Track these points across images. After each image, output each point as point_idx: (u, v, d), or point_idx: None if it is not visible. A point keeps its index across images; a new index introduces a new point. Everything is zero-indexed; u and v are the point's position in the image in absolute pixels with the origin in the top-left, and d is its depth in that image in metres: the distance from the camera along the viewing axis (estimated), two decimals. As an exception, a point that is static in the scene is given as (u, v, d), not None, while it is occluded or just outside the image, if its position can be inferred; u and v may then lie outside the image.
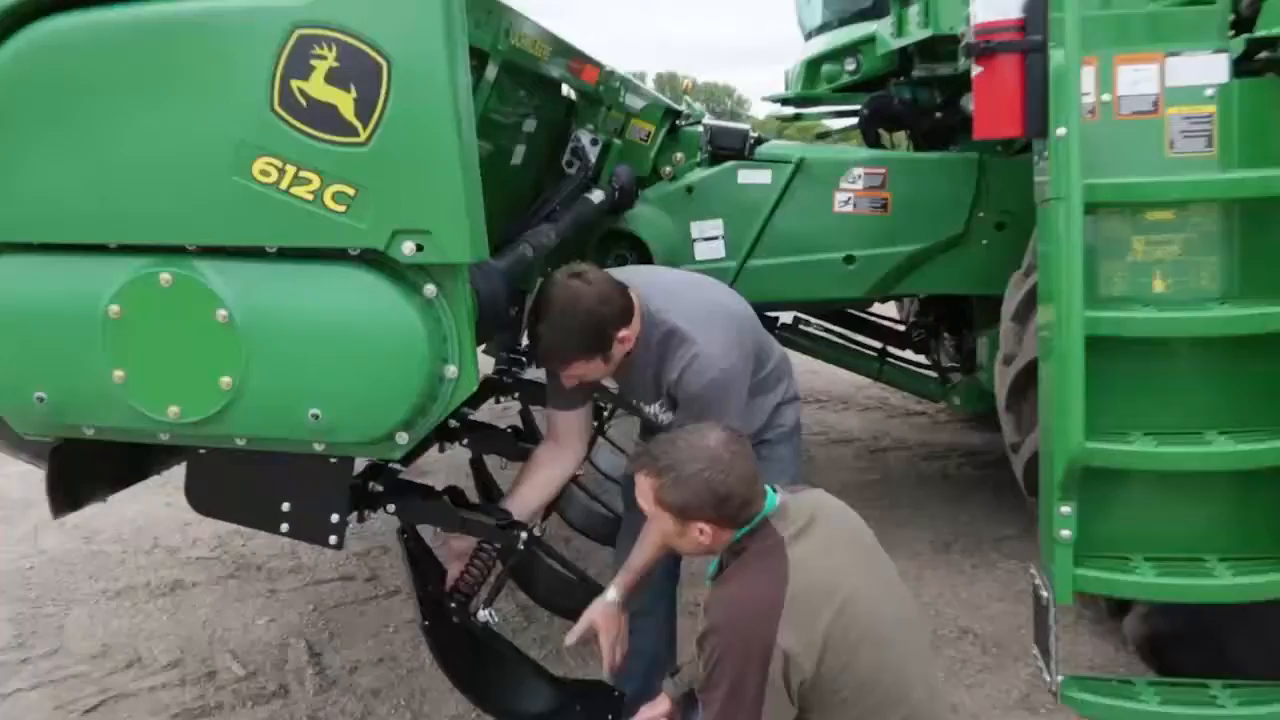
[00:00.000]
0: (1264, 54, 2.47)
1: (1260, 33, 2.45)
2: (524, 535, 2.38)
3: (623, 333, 2.28)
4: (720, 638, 1.83)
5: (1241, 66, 2.45)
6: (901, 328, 5.47)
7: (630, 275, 2.44)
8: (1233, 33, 2.51)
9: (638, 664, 2.69)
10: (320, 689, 3.27)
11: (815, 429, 6.12)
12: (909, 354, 5.27)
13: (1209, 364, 2.46)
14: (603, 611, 2.37)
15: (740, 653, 1.80)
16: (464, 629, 2.41)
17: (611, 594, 2.38)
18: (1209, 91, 2.41)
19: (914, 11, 3.98)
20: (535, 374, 3.61)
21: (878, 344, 5.12)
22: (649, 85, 4.26)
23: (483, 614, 2.42)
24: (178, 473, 2.45)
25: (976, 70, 2.43)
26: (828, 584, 1.86)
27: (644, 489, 2.01)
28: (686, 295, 2.44)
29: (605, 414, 3.40)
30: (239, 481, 2.24)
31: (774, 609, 1.80)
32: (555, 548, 3.13)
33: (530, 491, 2.55)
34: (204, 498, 2.30)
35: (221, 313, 1.92)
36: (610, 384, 2.48)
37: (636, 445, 2.79)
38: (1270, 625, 2.57)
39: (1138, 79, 2.43)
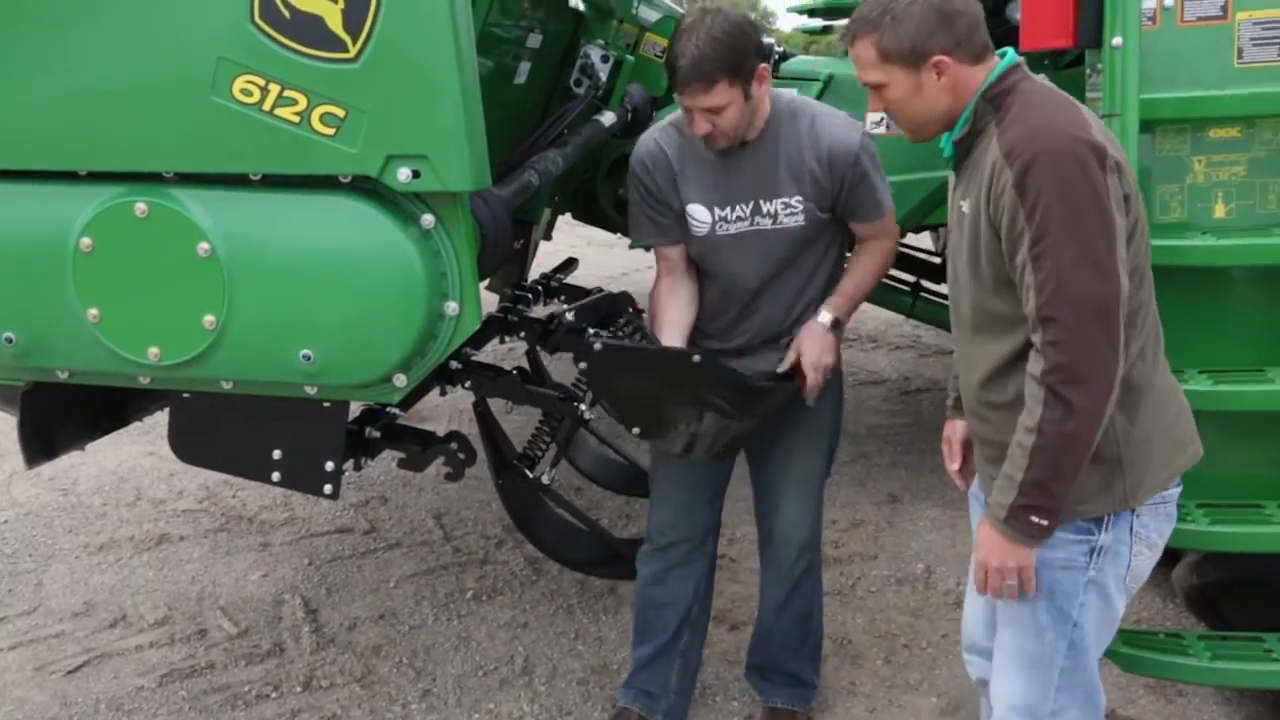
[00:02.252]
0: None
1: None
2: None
3: (762, 68, 2.33)
4: (1042, 164, 1.69)
5: None
6: (936, 260, 5.43)
7: None
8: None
9: (670, 614, 2.76)
10: (317, 647, 3.33)
11: (842, 369, 6.10)
12: (944, 288, 5.24)
13: (1273, 295, 2.44)
14: (811, 332, 2.49)
15: (1070, 163, 1.68)
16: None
17: (824, 315, 2.50)
18: None
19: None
20: (542, 311, 3.60)
21: (910, 278, 5.08)
22: (663, -5, 4.18)
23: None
24: (160, 419, 2.47)
25: (1024, -27, 2.37)
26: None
27: (864, 56, 1.88)
28: None
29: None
30: (226, 428, 2.25)
31: (1084, 120, 1.75)
32: (566, 496, 3.16)
33: (676, 318, 2.53)
34: (189, 446, 2.31)
35: (203, 246, 1.91)
36: (702, 216, 2.48)
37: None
38: (1332, 576, 2.58)
39: (1205, -20, 2.37)
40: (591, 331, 2.41)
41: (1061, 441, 1.72)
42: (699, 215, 2.49)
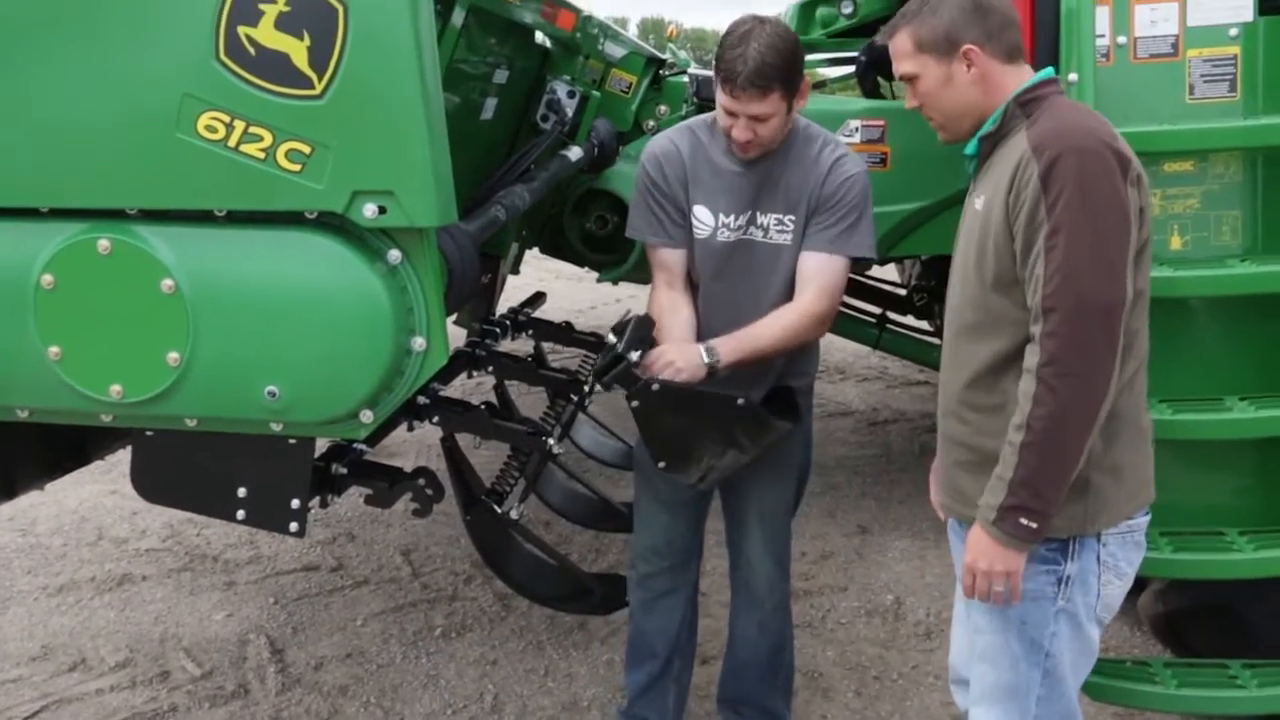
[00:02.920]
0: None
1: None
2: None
3: (804, 83, 2.36)
4: (1070, 159, 1.75)
5: (1267, 3, 2.45)
6: (902, 292, 5.48)
7: None
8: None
9: (659, 643, 2.76)
10: (283, 687, 3.28)
11: (812, 407, 6.13)
12: (910, 320, 5.29)
13: (1229, 325, 2.49)
14: (683, 346, 2.40)
15: (1097, 164, 1.75)
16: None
17: (704, 349, 2.39)
18: (1233, 31, 2.42)
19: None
20: (510, 346, 3.60)
21: (876, 310, 5.13)
22: (632, 32, 4.23)
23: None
24: (123, 457, 2.44)
25: (982, 11, 2.41)
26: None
27: (901, 47, 1.98)
28: None
29: (586, 389, 3.40)
30: (190, 466, 2.23)
31: (1111, 130, 1.82)
32: (534, 531, 3.15)
33: (679, 332, 2.50)
34: (152, 484, 2.29)
35: (167, 282, 1.90)
36: (706, 219, 2.49)
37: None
38: (1293, 602, 2.61)
39: (1156, 19, 2.43)
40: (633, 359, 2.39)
41: (1051, 438, 1.73)
42: (703, 218, 2.50)
